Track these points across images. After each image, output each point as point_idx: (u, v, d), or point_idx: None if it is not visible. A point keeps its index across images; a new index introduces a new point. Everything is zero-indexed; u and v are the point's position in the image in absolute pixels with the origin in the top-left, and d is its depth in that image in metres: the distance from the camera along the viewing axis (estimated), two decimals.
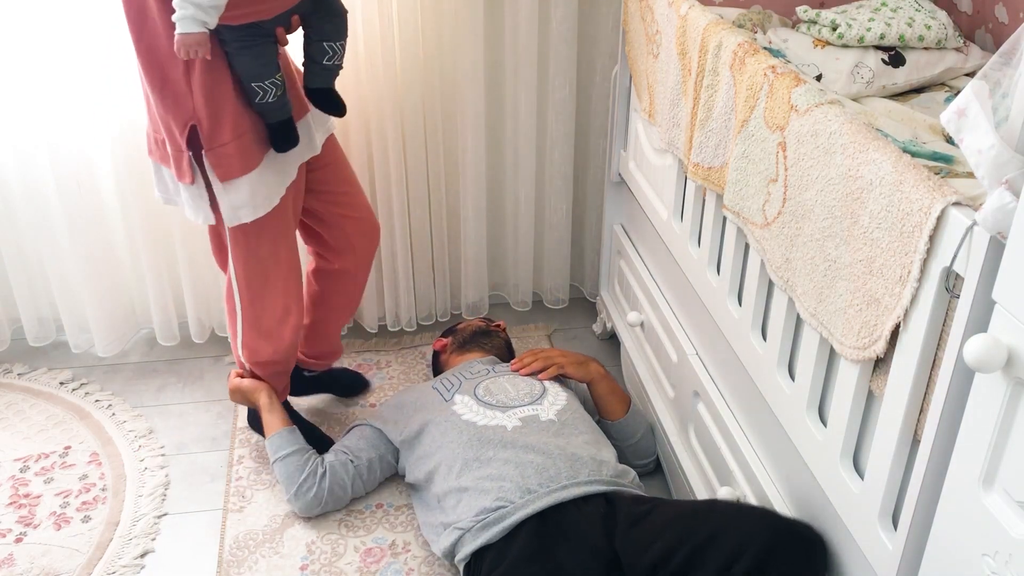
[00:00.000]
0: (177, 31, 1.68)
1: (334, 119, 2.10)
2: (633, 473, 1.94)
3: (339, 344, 2.41)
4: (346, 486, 2.10)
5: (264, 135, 1.90)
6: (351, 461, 2.11)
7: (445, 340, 2.45)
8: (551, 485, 1.81)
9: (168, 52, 1.75)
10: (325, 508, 2.09)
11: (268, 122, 1.89)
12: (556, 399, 2.06)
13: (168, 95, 1.80)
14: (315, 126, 2.02)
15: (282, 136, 1.91)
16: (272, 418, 2.16)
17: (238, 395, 2.22)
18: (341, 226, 2.19)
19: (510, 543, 1.74)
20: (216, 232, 2.06)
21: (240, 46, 1.80)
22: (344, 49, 1.94)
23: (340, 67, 1.96)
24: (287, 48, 1.92)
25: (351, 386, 2.55)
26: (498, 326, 2.50)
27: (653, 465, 2.23)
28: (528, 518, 1.76)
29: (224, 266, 2.09)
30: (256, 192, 1.90)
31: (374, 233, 2.26)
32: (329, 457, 2.12)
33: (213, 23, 1.69)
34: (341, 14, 1.92)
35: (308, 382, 2.47)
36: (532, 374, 2.17)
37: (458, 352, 2.38)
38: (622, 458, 2.10)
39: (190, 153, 1.84)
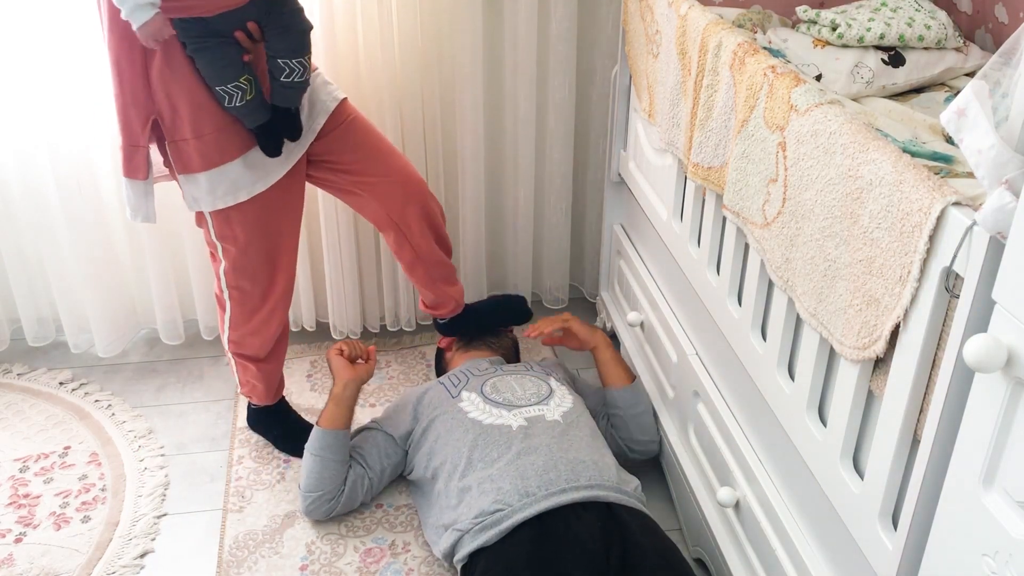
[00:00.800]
0: (134, 27, 1.68)
1: (336, 94, 2.05)
2: (636, 482, 1.93)
3: (449, 292, 2.35)
4: (356, 500, 2.10)
5: (241, 135, 1.89)
6: (367, 476, 2.09)
7: (451, 338, 2.45)
8: (550, 488, 1.80)
9: (122, 48, 1.76)
10: (328, 517, 2.10)
11: (247, 127, 1.88)
12: (562, 401, 2.05)
13: (128, 90, 1.81)
14: (307, 121, 1.99)
15: (265, 141, 1.89)
16: (337, 411, 2.08)
17: (330, 367, 2.20)
18: (360, 193, 2.13)
19: (506, 546, 1.74)
20: (201, 226, 2.05)
21: (195, 47, 1.78)
22: (304, 66, 1.86)
23: (302, 86, 1.89)
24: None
25: (514, 311, 2.52)
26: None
27: (656, 449, 2.21)
28: (526, 521, 1.76)
29: (215, 259, 2.09)
30: (216, 186, 1.90)
31: (406, 193, 2.13)
32: (349, 475, 2.08)
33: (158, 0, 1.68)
34: (296, 31, 1.85)
35: (457, 323, 2.42)
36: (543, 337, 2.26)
37: (463, 350, 2.38)
38: (625, 432, 2.13)
39: (147, 148, 1.86)
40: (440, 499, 1.93)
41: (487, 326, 2.47)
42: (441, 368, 2.46)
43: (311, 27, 1.90)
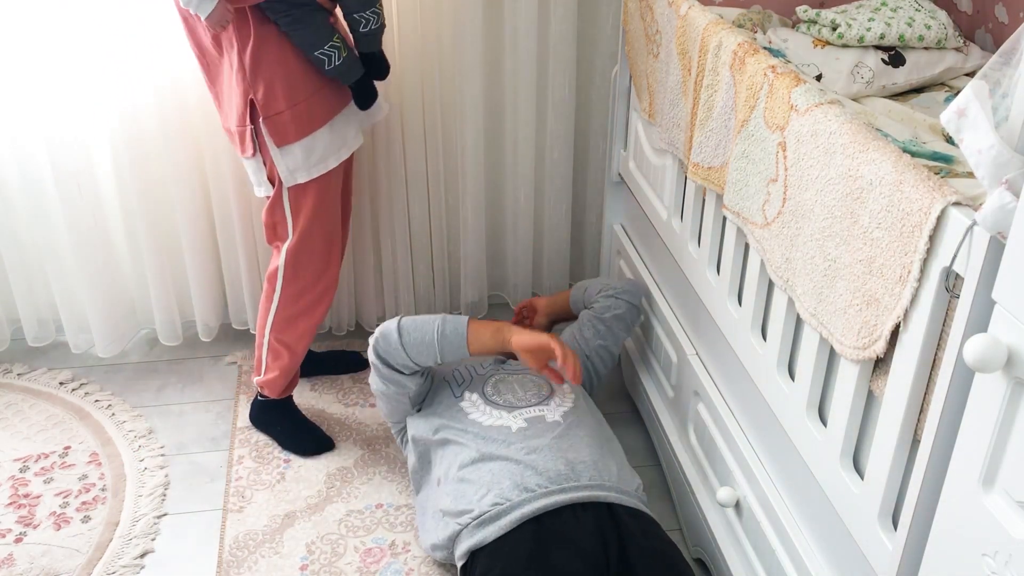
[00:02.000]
0: (202, 18, 1.87)
1: (384, 110, 2.28)
2: (637, 482, 1.92)
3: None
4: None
5: (327, 100, 2.05)
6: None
7: None
8: (549, 487, 1.80)
9: (225, 40, 1.95)
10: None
11: (345, 84, 2.06)
12: (563, 401, 2.05)
13: (232, 77, 1.97)
14: (384, 102, 2.24)
15: (361, 94, 2.11)
16: (486, 335, 2.00)
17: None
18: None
19: (506, 545, 1.74)
20: (271, 208, 2.13)
21: (287, 21, 1.93)
22: (377, 13, 2.03)
23: (379, 31, 2.06)
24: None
25: (343, 364, 2.64)
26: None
27: (639, 305, 2.30)
28: (526, 521, 1.76)
29: (277, 240, 2.17)
30: (310, 155, 2.05)
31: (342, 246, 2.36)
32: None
33: None
34: None
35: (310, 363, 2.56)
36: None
37: None
38: (606, 290, 2.28)
39: (252, 126, 2.00)
40: (438, 484, 1.93)
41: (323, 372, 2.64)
42: None
43: None
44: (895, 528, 1.26)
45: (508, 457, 1.86)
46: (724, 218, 1.80)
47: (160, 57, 2.32)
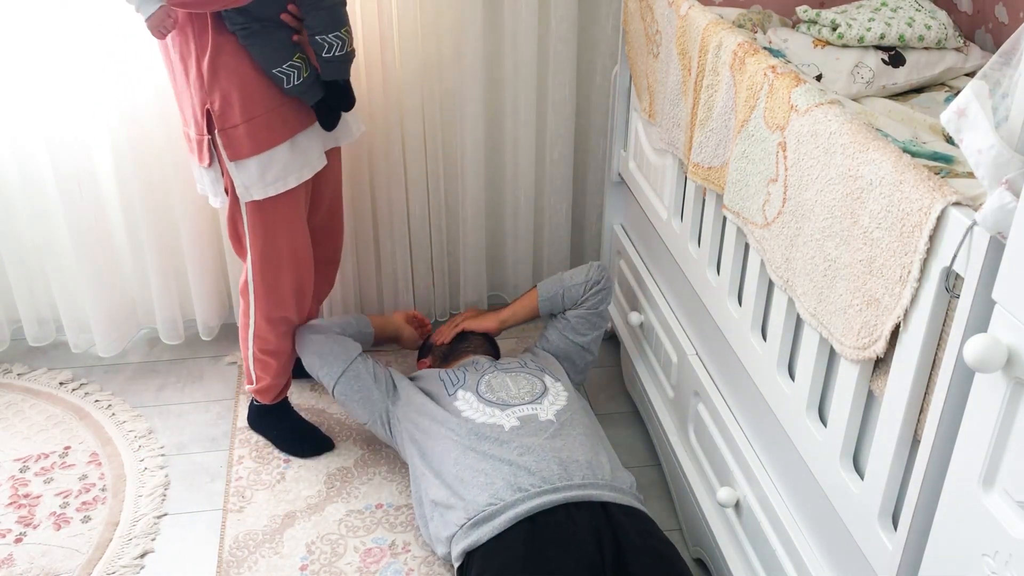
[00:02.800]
0: (143, 19, 1.80)
1: (360, 127, 2.19)
2: (631, 480, 1.93)
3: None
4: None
5: (288, 117, 1.96)
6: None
7: (426, 359, 2.42)
8: (543, 486, 1.80)
9: (184, 44, 1.89)
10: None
11: (308, 104, 1.97)
12: (556, 398, 2.05)
13: (191, 82, 1.91)
14: (352, 121, 2.14)
15: (326, 114, 2.00)
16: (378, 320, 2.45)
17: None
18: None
19: (501, 546, 1.74)
20: (232, 219, 2.09)
21: (244, 34, 1.86)
22: (343, 40, 1.92)
23: (345, 58, 1.95)
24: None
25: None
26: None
27: (605, 285, 2.31)
28: (520, 521, 1.76)
29: (242, 253, 2.14)
30: (266, 171, 1.96)
31: (335, 255, 2.38)
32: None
33: None
34: (326, 6, 1.89)
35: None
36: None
37: (444, 365, 2.35)
38: (572, 290, 2.29)
39: (209, 136, 1.94)
40: (434, 479, 1.93)
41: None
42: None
43: (343, 1, 1.94)
44: (895, 528, 1.26)
45: (501, 457, 1.86)
46: (724, 218, 1.80)
47: (160, 57, 2.31)
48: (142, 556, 2.04)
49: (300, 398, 2.51)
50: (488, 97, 2.59)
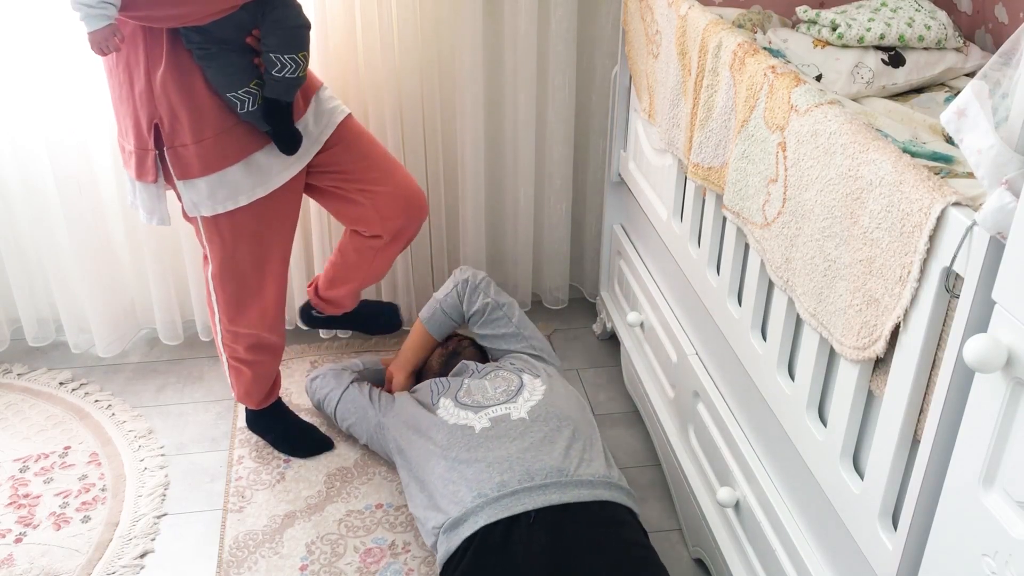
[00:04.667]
0: (86, 31, 1.69)
1: (341, 108, 2.06)
2: (605, 471, 1.90)
3: (350, 300, 2.37)
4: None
5: (242, 137, 1.89)
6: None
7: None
8: (502, 490, 1.82)
9: (131, 51, 1.79)
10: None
11: (262, 130, 1.89)
12: (532, 395, 2.06)
13: (136, 94, 1.82)
14: (314, 130, 2.00)
15: (283, 139, 1.90)
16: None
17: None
18: (362, 202, 2.11)
19: (463, 556, 1.77)
20: (195, 232, 2.04)
21: (200, 55, 1.80)
22: (298, 63, 1.85)
23: (295, 81, 1.87)
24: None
25: (378, 321, 2.51)
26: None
27: (477, 281, 2.37)
28: (482, 529, 1.77)
29: (205, 260, 2.08)
30: (216, 191, 1.90)
31: (409, 207, 2.14)
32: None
33: (114, 13, 1.68)
34: (288, 27, 1.84)
35: (322, 319, 2.46)
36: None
37: (442, 373, 2.36)
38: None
39: (156, 151, 1.86)
40: (417, 490, 1.97)
41: (352, 329, 2.58)
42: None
43: (307, 24, 1.89)
44: (895, 528, 1.26)
45: (469, 461, 1.89)
46: (724, 218, 1.80)
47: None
48: (142, 556, 2.04)
49: (300, 398, 2.51)
50: (488, 97, 2.59)
